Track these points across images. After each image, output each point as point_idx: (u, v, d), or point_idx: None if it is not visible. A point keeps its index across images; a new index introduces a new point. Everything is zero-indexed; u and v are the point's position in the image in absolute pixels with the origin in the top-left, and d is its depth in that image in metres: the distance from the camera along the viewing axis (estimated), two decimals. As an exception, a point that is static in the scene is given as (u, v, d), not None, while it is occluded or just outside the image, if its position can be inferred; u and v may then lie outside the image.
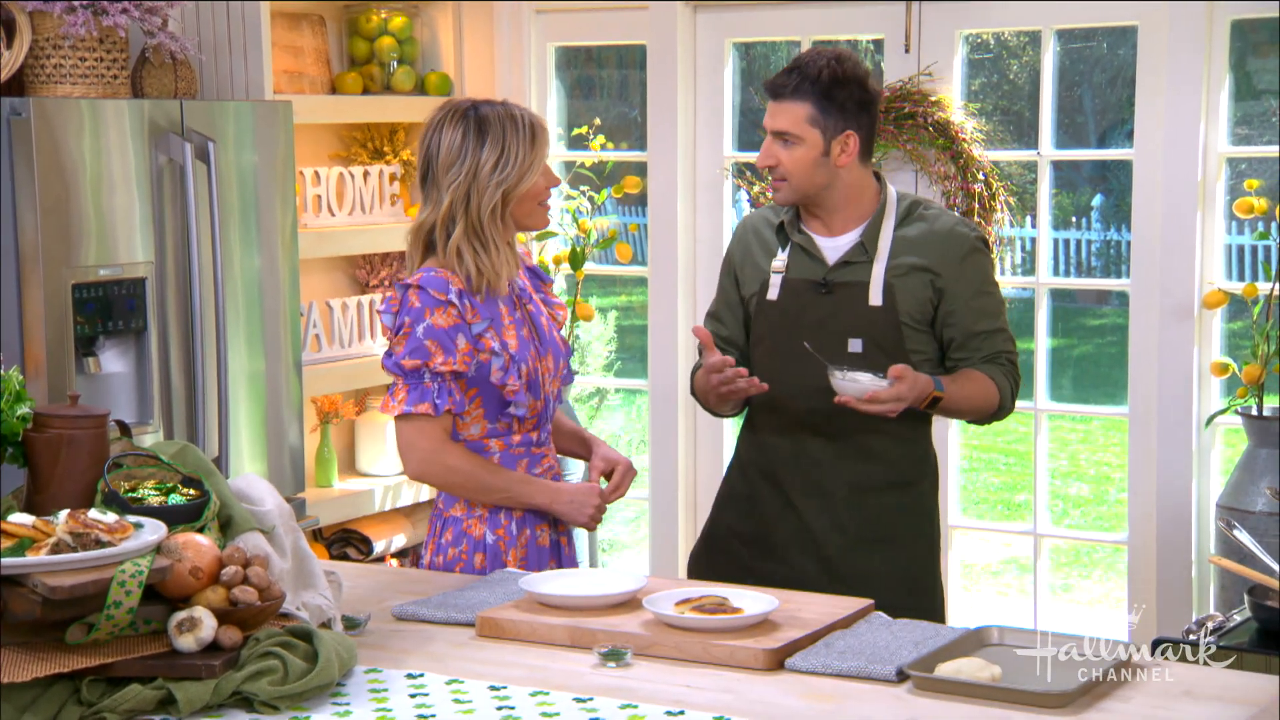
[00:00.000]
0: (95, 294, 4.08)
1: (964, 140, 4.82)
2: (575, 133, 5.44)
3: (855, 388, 3.17)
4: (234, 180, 4.43)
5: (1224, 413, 4.57)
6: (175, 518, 2.55)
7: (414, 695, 2.39)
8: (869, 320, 3.31)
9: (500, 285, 3.12)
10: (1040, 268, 4.94)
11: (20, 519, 2.40)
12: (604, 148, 5.26)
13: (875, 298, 3.31)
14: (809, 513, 3.36)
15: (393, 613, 2.78)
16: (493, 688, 2.42)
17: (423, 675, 2.48)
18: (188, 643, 2.36)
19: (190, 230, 4.26)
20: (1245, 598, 3.44)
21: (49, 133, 3.98)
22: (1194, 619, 3.88)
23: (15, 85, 4.29)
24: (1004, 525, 7.21)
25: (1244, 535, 3.53)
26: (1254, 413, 4.40)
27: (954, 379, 3.30)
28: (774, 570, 3.33)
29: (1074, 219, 8.21)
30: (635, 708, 2.33)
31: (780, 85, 3.32)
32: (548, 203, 3.20)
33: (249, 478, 2.77)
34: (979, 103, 5.03)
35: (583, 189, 5.31)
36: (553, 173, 3.18)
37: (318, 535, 5.09)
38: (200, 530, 2.55)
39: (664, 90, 5.23)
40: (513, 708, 2.33)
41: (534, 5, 5.41)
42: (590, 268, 5.36)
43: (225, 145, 4.38)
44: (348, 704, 2.36)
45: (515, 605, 2.73)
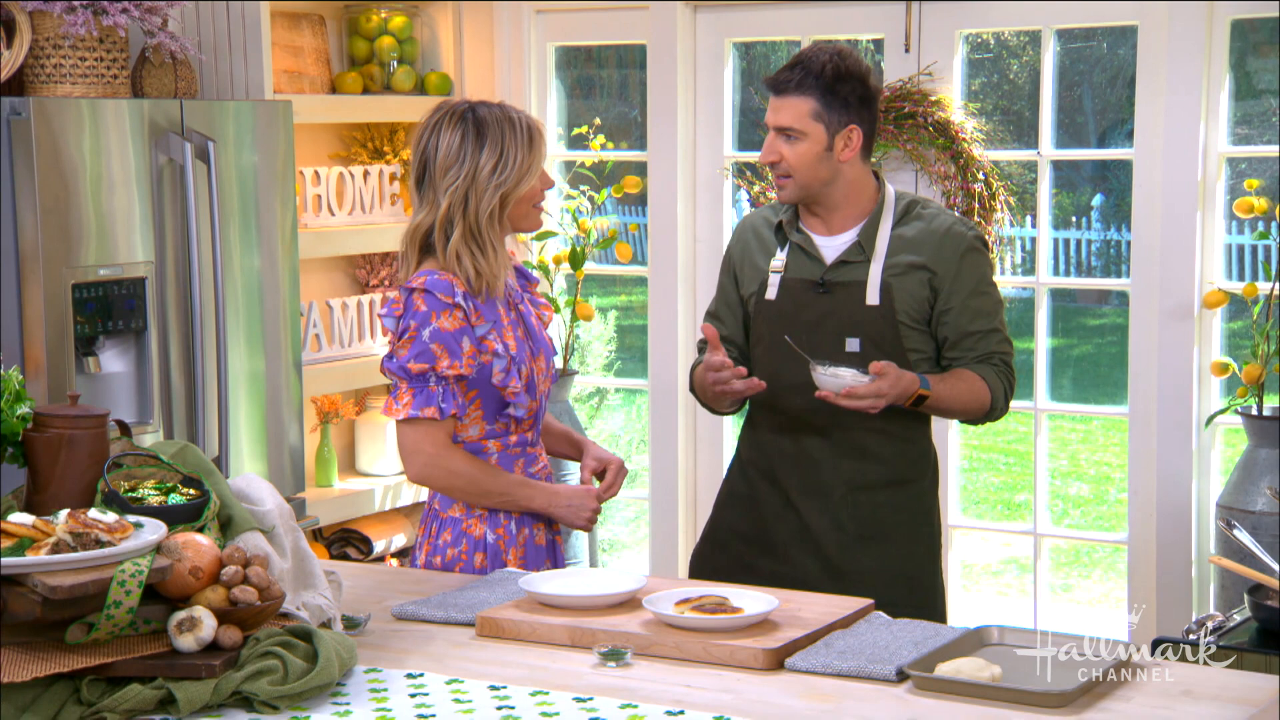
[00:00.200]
0: (95, 294, 4.08)
1: (964, 140, 4.82)
2: (575, 132, 5.44)
3: (835, 382, 3.17)
4: (234, 180, 4.43)
5: (1224, 412, 4.57)
6: (175, 517, 2.55)
7: (414, 695, 2.39)
8: (866, 320, 3.31)
9: (498, 287, 3.12)
10: (1040, 267, 4.94)
11: (20, 519, 2.40)
12: (604, 147, 5.26)
13: (872, 297, 3.31)
14: (808, 511, 3.37)
15: (392, 612, 2.78)
16: (493, 687, 2.42)
17: (422, 675, 2.48)
18: (188, 642, 2.36)
19: (190, 230, 4.26)
20: (1245, 597, 3.44)
21: (49, 132, 3.98)
22: (1194, 619, 3.88)
23: (15, 85, 4.29)
24: (1004, 525, 7.21)
25: (1244, 535, 3.53)
26: (1254, 412, 4.40)
27: (942, 378, 3.29)
28: (775, 569, 3.33)
29: (1074, 219, 8.20)
30: (635, 708, 2.33)
31: (783, 81, 3.31)
32: (542, 205, 3.20)
33: (249, 477, 2.77)
34: (979, 102, 5.03)
35: (583, 189, 5.31)
36: (548, 175, 3.18)
37: (318, 535, 5.09)
38: (200, 530, 2.55)
39: (664, 90, 5.23)
40: (512, 708, 2.33)
41: (534, 5, 5.41)
42: (590, 267, 5.36)
43: (225, 145, 4.38)
44: (348, 704, 2.36)
45: (515, 605, 2.74)
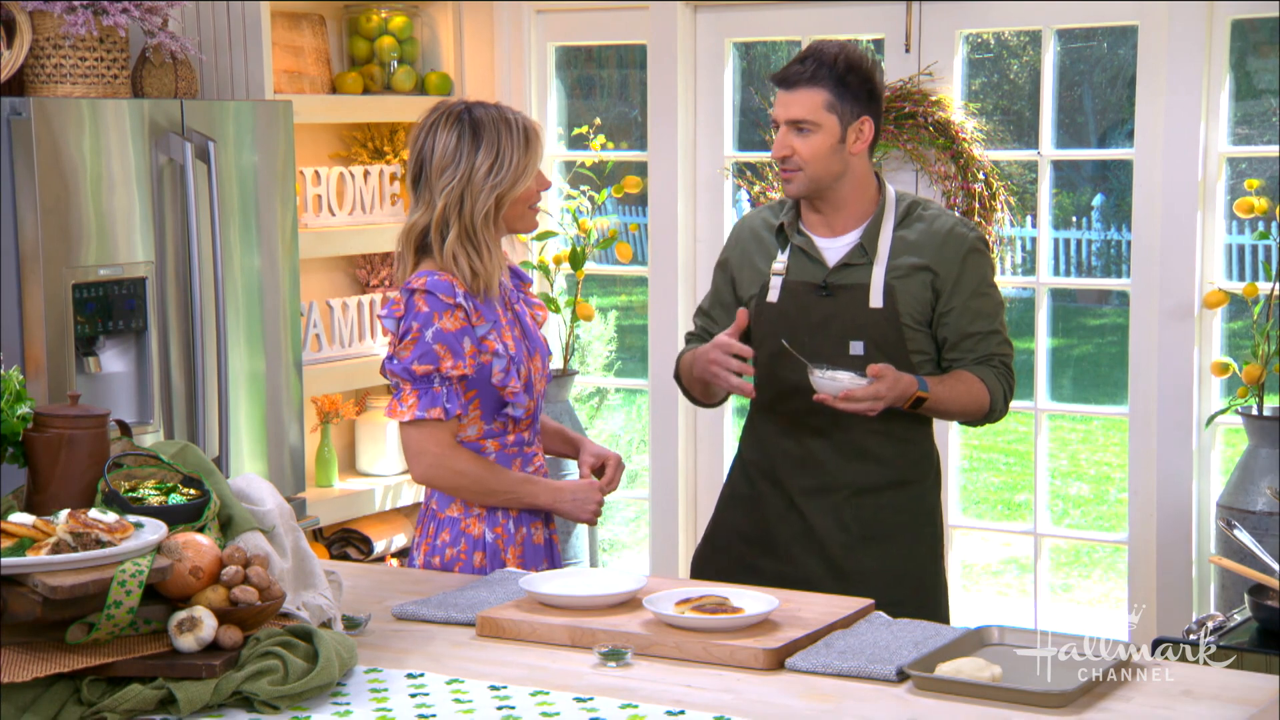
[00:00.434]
0: (95, 294, 4.08)
1: (964, 140, 4.82)
2: (575, 132, 5.44)
3: (832, 385, 3.16)
4: (234, 180, 4.43)
5: (1224, 412, 4.57)
6: (175, 517, 2.55)
7: (414, 695, 2.39)
8: (870, 322, 3.31)
9: (494, 287, 3.13)
10: (1040, 267, 4.94)
11: (20, 519, 2.40)
12: (604, 147, 5.26)
13: (876, 300, 3.31)
14: (812, 513, 3.36)
15: (393, 612, 2.78)
16: (493, 687, 2.42)
17: (423, 675, 2.48)
18: (188, 642, 2.36)
19: (190, 230, 4.26)
20: (1245, 597, 3.44)
21: (49, 132, 3.98)
22: (1194, 619, 3.88)
23: (15, 85, 4.29)
24: (1004, 525, 7.20)
25: (1244, 535, 3.53)
26: (1254, 412, 4.40)
27: (941, 380, 3.28)
28: (778, 570, 3.33)
29: (1074, 219, 8.20)
30: (635, 707, 2.33)
31: (795, 74, 3.29)
32: (538, 206, 3.20)
33: (249, 477, 2.77)
34: (979, 102, 5.03)
35: (583, 189, 5.31)
36: (545, 177, 3.18)
37: (318, 535, 5.09)
38: (200, 530, 2.55)
39: (664, 90, 5.23)
40: (513, 708, 2.33)
41: (534, 5, 5.41)
42: (590, 267, 5.36)
43: (225, 145, 4.38)
44: (348, 704, 2.36)
45: (515, 605, 2.74)
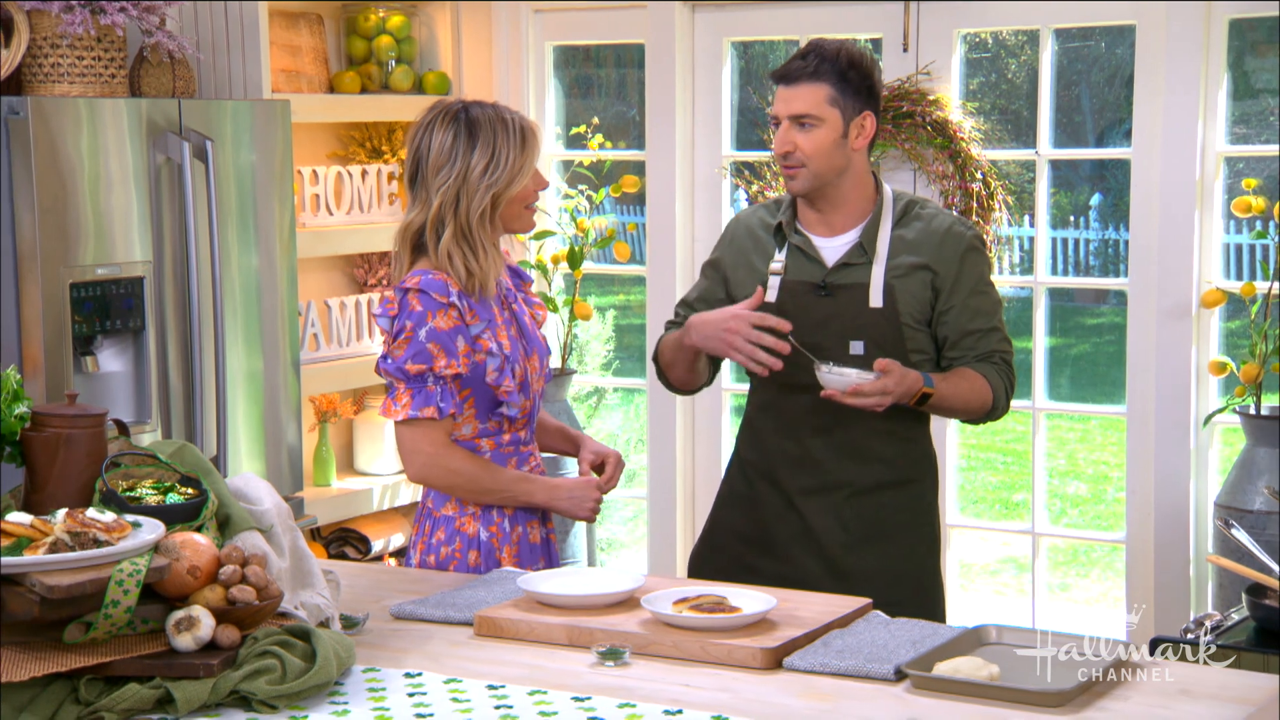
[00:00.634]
0: (93, 293, 4.08)
1: (962, 139, 4.82)
2: (573, 132, 5.44)
3: (840, 381, 3.16)
4: (232, 179, 4.43)
5: (1222, 412, 4.57)
6: (173, 517, 2.55)
7: (412, 694, 2.39)
8: (870, 322, 3.30)
9: (490, 286, 3.12)
10: (1038, 267, 4.94)
11: (18, 518, 2.40)
12: (602, 147, 5.26)
13: (876, 299, 3.30)
14: (811, 512, 3.36)
15: (391, 612, 2.78)
16: (491, 687, 2.42)
17: (421, 674, 2.48)
18: (186, 642, 2.36)
19: (188, 229, 4.26)
20: (1243, 596, 3.44)
21: (47, 132, 3.98)
22: (1192, 618, 3.88)
23: (13, 84, 4.28)
24: (1002, 524, 7.20)
25: (1242, 534, 3.53)
26: (1252, 412, 4.41)
27: (945, 376, 3.28)
28: (776, 569, 3.32)
29: (1072, 218, 8.20)
30: (633, 707, 2.33)
31: (797, 69, 3.28)
32: (535, 206, 3.19)
33: (247, 477, 2.77)
34: (977, 102, 5.03)
35: (581, 188, 5.31)
36: (542, 176, 3.18)
37: (316, 534, 5.09)
38: (198, 529, 2.55)
39: (662, 89, 5.23)
40: (510, 707, 2.33)
41: (532, 4, 5.41)
42: (588, 267, 5.36)
43: (223, 144, 4.38)
44: (346, 703, 2.36)
45: (513, 604, 2.73)
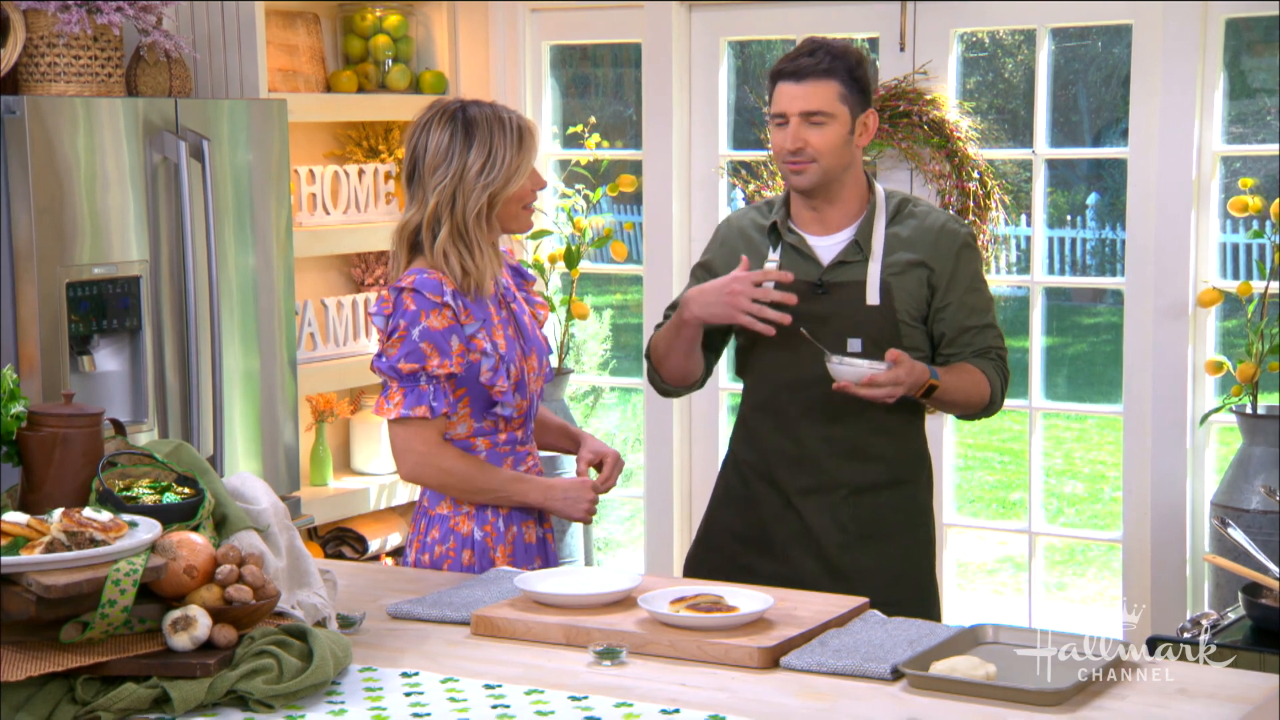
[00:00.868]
0: (90, 292, 4.08)
1: (959, 139, 4.82)
2: (570, 131, 5.44)
3: (853, 372, 3.15)
4: (228, 179, 4.42)
5: (1218, 411, 4.57)
6: (170, 516, 2.55)
7: (409, 694, 2.39)
8: (867, 320, 3.31)
9: (487, 286, 3.12)
10: (1035, 266, 4.94)
11: (14, 517, 2.40)
12: (599, 146, 5.26)
13: (873, 297, 3.31)
14: (809, 512, 3.35)
15: (388, 611, 2.78)
16: (488, 686, 2.42)
17: (417, 674, 2.48)
18: (182, 641, 2.36)
19: (185, 229, 4.25)
20: (1240, 596, 3.44)
21: (43, 131, 3.98)
22: (1188, 617, 3.88)
23: (9, 83, 4.28)
24: (999, 523, 7.21)
25: (1238, 533, 3.54)
26: (1248, 411, 4.41)
27: (948, 370, 3.29)
28: (774, 570, 3.32)
29: (1069, 217, 8.21)
30: (630, 706, 2.33)
31: (808, 66, 3.26)
32: (533, 206, 3.19)
33: (244, 476, 2.77)
34: (974, 101, 5.03)
35: (578, 187, 5.30)
36: (539, 176, 3.18)
37: (312, 534, 5.09)
38: (195, 529, 2.54)
39: (659, 88, 5.23)
40: (508, 706, 2.33)
41: (529, 4, 5.41)
42: (585, 266, 5.36)
43: (220, 144, 4.38)
44: (342, 703, 2.36)
45: (510, 604, 2.73)
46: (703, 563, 3.49)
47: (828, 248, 3.36)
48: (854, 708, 2.33)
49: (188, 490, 2.64)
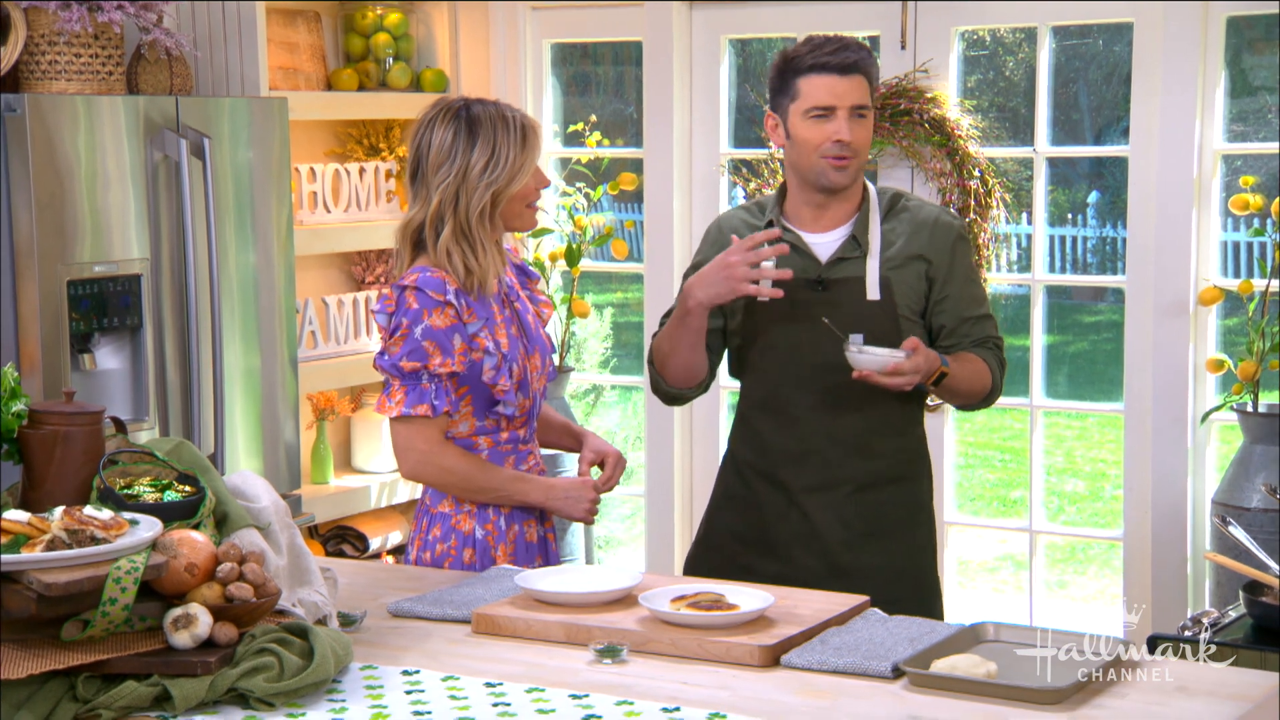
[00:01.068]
0: (90, 291, 4.08)
1: (960, 137, 4.82)
2: (571, 129, 5.44)
3: (875, 361, 3.14)
4: (229, 177, 4.42)
5: (1219, 409, 4.57)
6: (170, 514, 2.55)
7: (409, 692, 2.39)
8: (867, 315, 3.31)
9: (490, 285, 3.12)
10: (1036, 264, 4.94)
11: (15, 515, 2.40)
12: (600, 144, 5.26)
13: (873, 292, 3.31)
14: (814, 510, 3.35)
15: (388, 609, 2.78)
16: (488, 684, 2.42)
17: (418, 672, 2.48)
18: (183, 639, 2.36)
19: (186, 227, 4.25)
20: (1241, 594, 3.44)
21: (44, 129, 3.98)
22: (1189, 615, 3.88)
23: (10, 81, 4.28)
24: (1000, 522, 7.21)
25: (1239, 531, 3.53)
26: (1249, 409, 4.41)
27: (955, 358, 3.30)
28: (775, 569, 3.31)
29: (1070, 216, 8.21)
30: (631, 704, 2.33)
31: (853, 60, 3.25)
32: (536, 204, 3.19)
33: (244, 474, 2.77)
34: (975, 100, 5.03)
35: (578, 185, 5.30)
36: (543, 175, 3.17)
37: (313, 532, 5.09)
38: (196, 527, 2.55)
39: (660, 87, 5.23)
40: (508, 704, 2.33)
41: (530, 2, 5.41)
42: (586, 264, 5.36)
43: (221, 142, 4.38)
44: (343, 701, 2.36)
45: (511, 602, 2.73)
46: (703, 563, 3.49)
47: (824, 245, 3.36)
48: (855, 706, 2.33)
49: (188, 488, 2.64)
